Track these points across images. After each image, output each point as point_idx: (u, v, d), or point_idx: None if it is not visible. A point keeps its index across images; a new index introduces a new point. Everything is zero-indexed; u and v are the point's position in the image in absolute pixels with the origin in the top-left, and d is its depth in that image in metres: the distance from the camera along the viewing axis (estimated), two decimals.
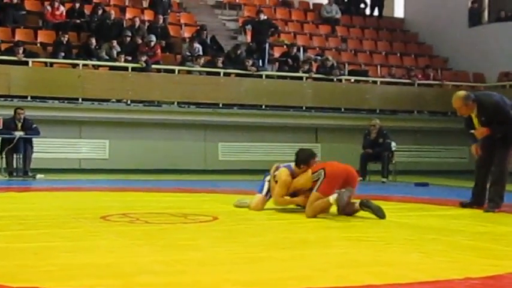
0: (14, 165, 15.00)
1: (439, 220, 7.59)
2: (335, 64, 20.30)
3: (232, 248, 5.38)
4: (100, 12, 19.62)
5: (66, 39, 17.92)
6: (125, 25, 19.85)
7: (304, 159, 8.16)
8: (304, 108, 19.57)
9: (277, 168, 8.31)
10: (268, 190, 8.37)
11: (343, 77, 20.42)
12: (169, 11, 21.42)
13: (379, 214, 7.52)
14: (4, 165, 14.91)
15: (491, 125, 8.72)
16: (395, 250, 5.39)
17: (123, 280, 4.02)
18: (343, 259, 4.95)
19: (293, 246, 5.57)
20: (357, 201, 7.72)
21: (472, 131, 8.91)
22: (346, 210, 7.67)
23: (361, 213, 7.65)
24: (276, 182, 8.19)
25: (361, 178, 15.71)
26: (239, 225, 6.93)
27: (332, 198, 7.53)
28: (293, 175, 8.13)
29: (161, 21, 20.18)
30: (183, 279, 4.11)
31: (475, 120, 8.87)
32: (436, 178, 16.65)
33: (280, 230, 6.62)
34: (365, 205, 7.62)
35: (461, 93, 8.97)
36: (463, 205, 9.14)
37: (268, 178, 8.42)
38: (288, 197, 8.15)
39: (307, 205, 7.76)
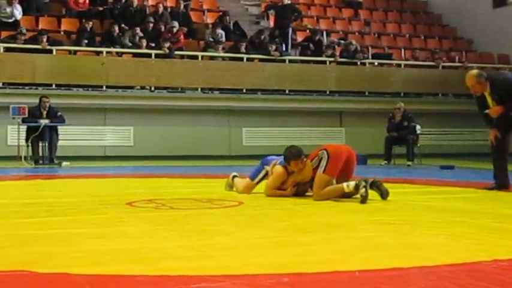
0: (40, 153, 15.13)
1: (465, 203, 7.55)
2: (358, 48, 20.22)
3: (258, 232, 5.39)
4: None
5: (90, 26, 17.98)
6: (147, 12, 19.87)
7: (294, 154, 7.99)
8: (328, 92, 19.53)
9: (274, 165, 8.30)
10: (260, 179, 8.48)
11: (366, 61, 20.35)
12: None
13: (384, 196, 7.53)
14: (30, 153, 15.02)
15: (504, 103, 8.71)
16: (422, 233, 5.36)
17: (149, 265, 4.04)
18: (369, 242, 4.93)
19: (318, 230, 5.56)
20: (351, 182, 7.60)
21: (487, 111, 8.89)
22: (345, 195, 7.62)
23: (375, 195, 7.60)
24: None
25: (386, 162, 15.75)
26: (265, 209, 6.94)
27: (347, 187, 7.47)
28: (288, 172, 8.09)
29: (182, 7, 20.17)
30: (209, 264, 4.12)
31: (489, 99, 8.87)
32: (462, 160, 16.57)
33: (305, 214, 6.61)
34: (377, 187, 7.58)
35: (474, 71, 9.08)
36: (489, 189, 9.09)
37: (268, 168, 8.42)
38: (278, 191, 8.10)
39: (315, 188, 7.70)
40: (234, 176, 8.97)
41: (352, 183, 7.46)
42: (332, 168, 7.64)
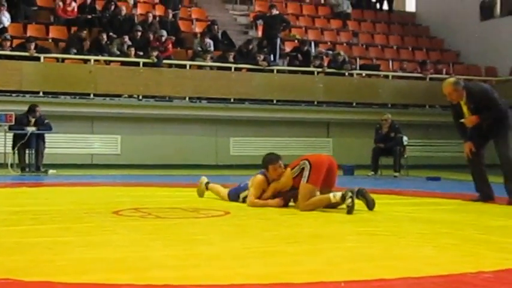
0: (26, 161, 15.07)
1: (451, 214, 7.57)
2: (346, 59, 20.27)
3: (244, 242, 5.38)
4: (112, 7, 19.64)
5: (83, 35, 17.98)
6: (136, 20, 19.87)
7: (269, 159, 8.05)
8: (315, 102, 19.57)
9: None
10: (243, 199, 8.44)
11: (354, 72, 20.41)
12: (180, 6, 21.38)
13: (370, 206, 7.51)
14: (16, 161, 14.96)
15: (479, 113, 8.80)
16: (408, 244, 5.38)
17: (135, 274, 4.03)
18: (356, 253, 4.93)
19: (305, 241, 5.56)
20: (338, 193, 7.60)
21: (462, 120, 8.97)
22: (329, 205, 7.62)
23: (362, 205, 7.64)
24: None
25: (373, 172, 15.78)
26: (251, 219, 6.93)
27: (333, 197, 7.47)
28: (268, 180, 8.10)
29: (171, 16, 20.19)
30: (195, 274, 4.11)
31: (464, 108, 8.95)
32: (448, 172, 16.62)
33: (292, 224, 6.61)
34: (362, 195, 7.57)
35: (451, 79, 9.23)
36: (475, 201, 9.12)
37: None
38: (260, 200, 8.08)
39: (300, 198, 7.68)
40: (207, 183, 9.06)
41: (338, 194, 7.45)
42: (315, 177, 7.64)
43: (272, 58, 19.79)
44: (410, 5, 27.55)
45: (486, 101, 8.83)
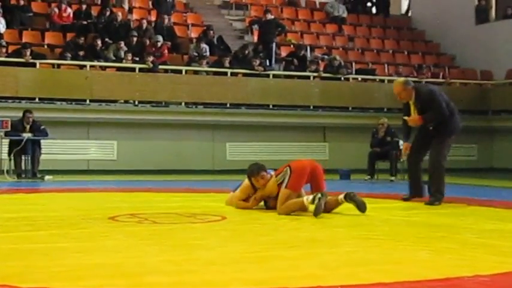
0: (23, 167, 15.03)
1: (447, 218, 7.58)
2: (342, 63, 20.27)
3: (241, 247, 5.38)
4: (108, 13, 19.64)
5: (81, 41, 17.99)
6: (132, 26, 19.87)
7: (253, 170, 8.17)
8: (311, 107, 19.56)
9: None
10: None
11: (350, 76, 20.41)
12: (172, 11, 21.36)
13: (362, 208, 7.59)
14: (12, 167, 14.93)
15: (424, 113, 9.08)
16: (405, 248, 5.38)
17: (131, 280, 4.02)
18: (352, 257, 4.94)
19: (302, 245, 5.56)
20: (340, 195, 7.74)
21: (405, 118, 9.30)
22: (326, 208, 7.65)
23: (344, 207, 7.69)
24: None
25: (369, 177, 15.77)
26: (247, 224, 6.93)
27: (306, 200, 7.55)
28: (254, 187, 8.25)
29: (166, 21, 20.19)
30: (191, 279, 4.11)
31: (412, 108, 9.23)
32: (445, 176, 16.59)
33: (288, 229, 6.61)
34: (351, 198, 7.66)
35: (402, 79, 9.70)
36: (405, 199, 9.48)
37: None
38: (242, 202, 8.34)
39: (278, 202, 7.81)
40: None
41: (310, 197, 7.56)
42: (294, 182, 7.77)
43: (268, 63, 19.78)
44: (406, 9, 27.57)
45: (430, 102, 9.09)
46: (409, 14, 26.96)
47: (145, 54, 18.20)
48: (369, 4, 26.04)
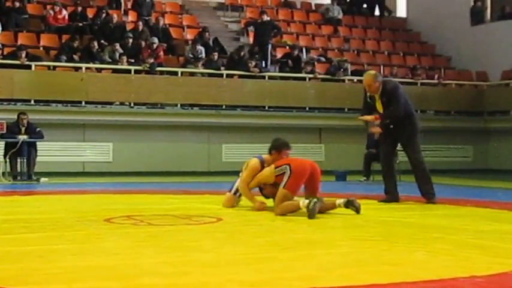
0: (18, 169, 15.01)
1: (443, 219, 7.58)
2: (349, 67, 20.34)
3: (237, 248, 5.38)
4: (103, 15, 19.63)
5: (76, 44, 17.98)
6: (127, 28, 19.86)
7: (277, 146, 8.40)
8: (307, 108, 19.57)
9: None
10: (237, 189, 8.66)
11: (346, 77, 20.40)
12: (152, 11, 21.32)
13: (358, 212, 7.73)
14: (8, 169, 14.91)
15: (387, 108, 9.35)
16: (400, 249, 5.38)
17: (127, 282, 4.02)
18: (348, 259, 4.94)
19: (297, 247, 5.56)
20: (338, 200, 7.84)
21: (362, 118, 9.84)
22: (321, 209, 7.70)
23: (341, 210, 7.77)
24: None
25: (365, 178, 15.77)
26: (243, 226, 6.93)
27: (302, 203, 7.58)
28: (263, 165, 8.34)
29: (162, 23, 20.16)
30: (187, 281, 4.11)
31: (378, 101, 9.45)
32: (440, 177, 16.61)
33: (284, 231, 6.62)
34: (351, 204, 7.76)
35: (372, 71, 9.93)
36: (382, 202, 9.56)
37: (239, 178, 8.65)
38: (249, 193, 8.40)
39: (276, 201, 7.88)
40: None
41: (306, 201, 7.57)
42: (292, 184, 7.82)
43: (264, 64, 19.79)
44: (402, 11, 27.59)
45: (392, 97, 9.32)
46: (393, 15, 26.91)
47: (142, 56, 18.21)
48: (364, 5, 26.02)
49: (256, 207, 8.26)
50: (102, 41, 18.68)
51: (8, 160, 14.85)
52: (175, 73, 18.67)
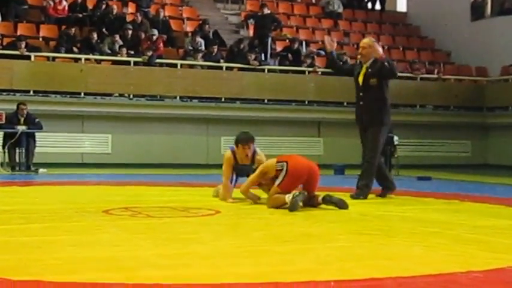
0: (17, 160, 15.02)
1: (441, 214, 7.59)
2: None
3: (235, 241, 5.38)
4: (103, 6, 19.61)
5: (72, 32, 17.95)
6: (127, 19, 19.83)
7: (242, 139, 8.57)
8: (306, 102, 19.57)
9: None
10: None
11: None
12: (151, 2, 21.30)
13: (342, 206, 7.65)
14: (7, 160, 14.92)
15: (373, 76, 9.40)
16: (398, 244, 5.39)
17: (125, 274, 4.02)
18: (346, 252, 4.94)
19: (295, 240, 5.56)
20: (321, 195, 7.85)
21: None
22: (310, 204, 7.76)
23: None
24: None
25: None
26: (241, 218, 6.93)
27: (287, 198, 7.57)
28: (235, 155, 8.60)
29: (162, 15, 20.14)
30: (185, 273, 4.11)
31: (362, 73, 9.57)
32: (439, 172, 16.65)
33: (282, 224, 6.62)
34: (328, 201, 7.75)
35: (372, 38, 10.13)
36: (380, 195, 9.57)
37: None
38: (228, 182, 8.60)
39: (267, 198, 8.02)
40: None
41: (290, 195, 7.56)
42: (286, 184, 7.81)
43: (263, 57, 19.78)
44: (402, 5, 27.56)
45: (381, 69, 9.29)
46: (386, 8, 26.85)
47: (142, 47, 18.19)
48: None
49: (253, 199, 8.30)
50: (102, 32, 18.64)
51: (6, 150, 14.86)
52: (175, 65, 18.67)
